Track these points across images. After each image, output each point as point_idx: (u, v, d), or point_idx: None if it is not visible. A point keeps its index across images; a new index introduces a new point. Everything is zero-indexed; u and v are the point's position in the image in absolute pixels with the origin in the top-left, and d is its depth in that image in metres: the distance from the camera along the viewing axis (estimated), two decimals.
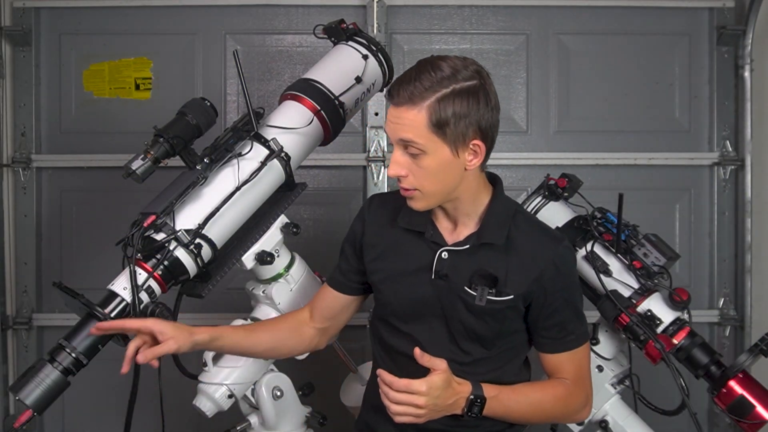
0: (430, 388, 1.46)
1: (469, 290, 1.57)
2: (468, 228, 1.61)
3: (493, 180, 1.66)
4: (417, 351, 1.49)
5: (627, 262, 1.92)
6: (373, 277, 1.69)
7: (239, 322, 1.95)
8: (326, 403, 2.12)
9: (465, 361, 1.60)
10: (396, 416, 1.48)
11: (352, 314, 1.83)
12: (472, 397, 1.52)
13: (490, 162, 3.18)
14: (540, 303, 1.59)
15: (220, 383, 1.89)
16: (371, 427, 1.75)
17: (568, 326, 1.62)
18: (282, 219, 1.94)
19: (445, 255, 1.60)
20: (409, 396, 1.46)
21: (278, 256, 1.93)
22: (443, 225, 1.63)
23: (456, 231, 1.62)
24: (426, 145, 1.47)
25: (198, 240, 1.73)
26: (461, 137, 1.50)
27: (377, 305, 1.73)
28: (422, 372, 1.51)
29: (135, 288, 1.65)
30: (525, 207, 2.04)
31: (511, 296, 1.56)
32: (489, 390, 1.54)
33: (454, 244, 1.60)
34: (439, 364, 1.49)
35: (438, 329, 1.62)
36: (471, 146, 1.52)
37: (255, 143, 1.83)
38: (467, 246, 1.59)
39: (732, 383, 1.81)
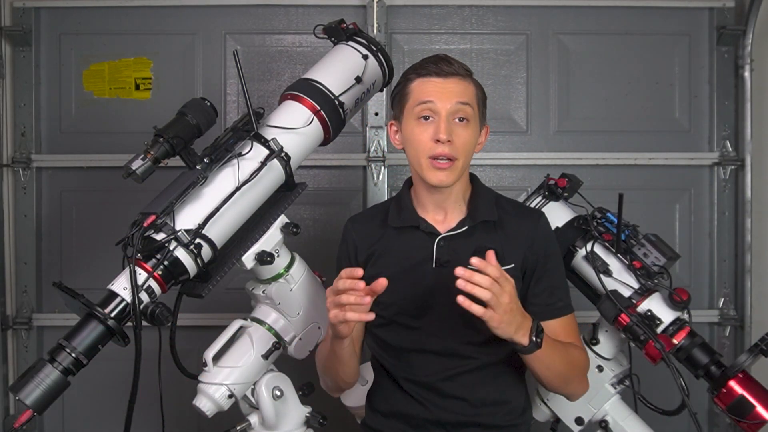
0: (509, 283, 1.48)
1: (473, 267, 1.61)
2: (458, 214, 1.74)
3: (470, 175, 1.81)
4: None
5: (627, 262, 1.92)
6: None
7: (239, 322, 1.95)
8: (326, 403, 2.11)
9: (481, 340, 1.65)
10: (484, 303, 1.45)
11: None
12: (536, 323, 1.56)
13: (490, 162, 3.21)
14: (533, 268, 1.72)
15: (220, 383, 1.89)
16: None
17: (557, 292, 1.74)
18: (282, 219, 1.94)
19: (442, 243, 1.69)
20: (500, 282, 1.46)
21: (278, 256, 1.93)
22: (434, 217, 1.73)
23: (446, 220, 1.73)
24: (473, 113, 1.68)
25: (198, 240, 1.73)
26: (484, 118, 1.74)
27: (378, 311, 1.69)
28: (437, 365, 1.65)
29: (135, 288, 1.65)
30: None
31: (513, 264, 1.68)
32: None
33: (449, 231, 1.70)
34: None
35: (449, 316, 1.66)
36: (484, 129, 1.75)
37: (255, 143, 1.83)
38: (465, 228, 1.70)
39: (732, 383, 1.81)
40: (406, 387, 1.73)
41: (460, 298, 1.44)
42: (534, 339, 1.54)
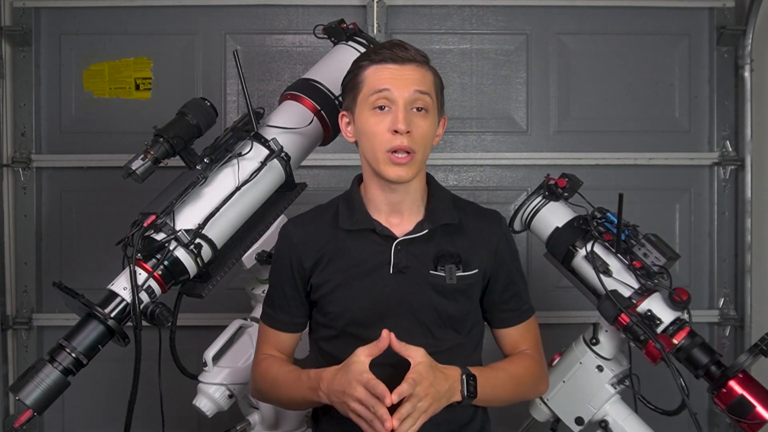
0: (418, 377, 1.42)
1: (436, 273, 1.58)
2: (415, 216, 1.62)
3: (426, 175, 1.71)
4: (388, 336, 1.44)
5: (627, 262, 1.91)
6: (322, 289, 1.62)
7: (239, 322, 1.95)
8: None
9: (441, 349, 1.56)
10: (410, 429, 1.41)
11: None
12: (464, 375, 1.50)
13: (490, 162, 3.20)
14: (498, 275, 1.65)
15: (220, 383, 1.89)
16: None
17: (522, 296, 1.71)
18: (282, 219, 1.94)
19: (400, 247, 1.59)
20: (410, 403, 1.40)
21: None
22: (388, 220, 1.62)
23: (402, 223, 1.62)
24: (431, 102, 1.56)
25: (198, 240, 1.73)
26: (442, 108, 1.62)
27: (326, 322, 1.63)
28: (394, 380, 1.46)
29: (135, 288, 1.65)
30: (525, 207, 2.05)
31: (476, 270, 1.61)
32: (473, 369, 1.54)
33: (407, 234, 1.60)
34: (415, 354, 1.45)
35: (407, 324, 1.57)
36: (442, 121, 1.63)
37: (255, 143, 1.83)
38: (425, 231, 1.60)
39: (732, 383, 1.80)
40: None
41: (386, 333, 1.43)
42: (466, 394, 1.50)
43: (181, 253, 1.72)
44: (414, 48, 1.58)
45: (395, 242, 1.59)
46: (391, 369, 1.49)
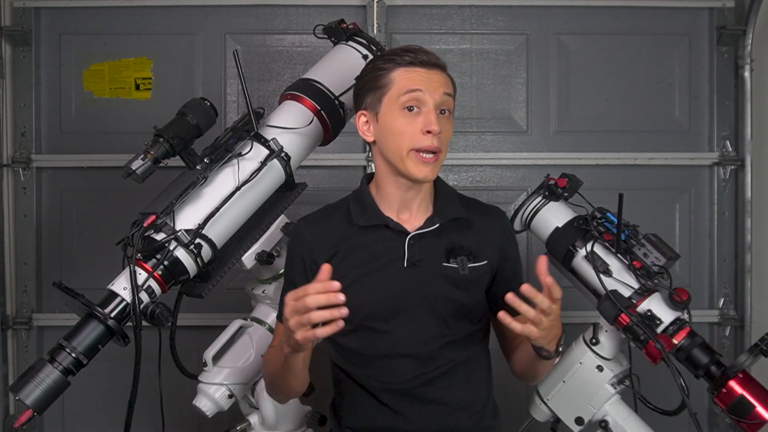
0: (550, 310, 1.40)
1: (449, 265, 1.63)
2: (424, 212, 1.68)
3: None
4: (509, 296, 1.40)
5: (627, 262, 1.91)
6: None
7: (239, 322, 1.95)
8: (326, 403, 2.11)
9: (455, 338, 1.61)
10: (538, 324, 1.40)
11: None
12: (563, 335, 1.54)
13: (490, 162, 3.20)
14: (504, 268, 1.72)
15: (220, 383, 1.90)
16: None
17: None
18: (282, 219, 1.94)
19: (412, 242, 1.63)
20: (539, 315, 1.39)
21: (278, 256, 1.93)
22: (400, 217, 1.67)
23: (411, 219, 1.66)
24: (452, 106, 1.65)
25: (198, 240, 1.73)
26: (453, 109, 1.67)
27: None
28: (414, 369, 1.59)
29: (135, 288, 1.65)
30: (525, 207, 2.05)
31: (486, 261, 1.67)
32: None
33: (419, 229, 1.65)
34: (556, 291, 1.41)
35: (422, 316, 1.62)
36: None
37: (255, 143, 1.83)
38: (436, 226, 1.65)
39: (732, 383, 1.80)
40: (382, 397, 1.64)
41: (501, 314, 1.39)
42: (559, 349, 1.54)
43: (181, 253, 1.72)
44: (434, 53, 1.64)
45: (408, 237, 1.63)
46: (412, 360, 1.57)
